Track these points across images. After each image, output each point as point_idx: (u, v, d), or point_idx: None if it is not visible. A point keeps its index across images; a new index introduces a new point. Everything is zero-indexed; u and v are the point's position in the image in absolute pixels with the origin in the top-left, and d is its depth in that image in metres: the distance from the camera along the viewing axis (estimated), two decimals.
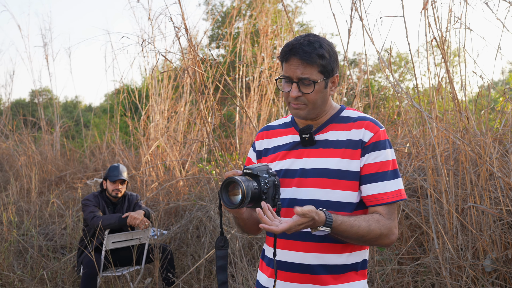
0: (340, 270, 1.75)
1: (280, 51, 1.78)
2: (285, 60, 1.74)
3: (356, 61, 11.81)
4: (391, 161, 1.76)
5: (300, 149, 1.81)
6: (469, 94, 4.52)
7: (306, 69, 1.70)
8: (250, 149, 2.01)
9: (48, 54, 10.45)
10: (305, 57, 1.69)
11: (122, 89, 8.40)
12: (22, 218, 6.73)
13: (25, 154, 9.52)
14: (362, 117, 1.79)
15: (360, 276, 1.79)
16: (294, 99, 1.74)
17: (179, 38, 4.76)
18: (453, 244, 3.60)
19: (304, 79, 1.71)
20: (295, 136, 1.85)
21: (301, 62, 1.70)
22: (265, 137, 1.95)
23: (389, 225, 1.72)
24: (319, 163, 1.75)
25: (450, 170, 3.77)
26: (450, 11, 3.79)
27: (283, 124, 1.94)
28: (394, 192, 1.73)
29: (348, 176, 1.73)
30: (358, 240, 1.69)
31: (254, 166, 1.67)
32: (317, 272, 1.73)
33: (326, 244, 1.73)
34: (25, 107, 16.76)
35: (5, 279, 4.90)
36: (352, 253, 1.77)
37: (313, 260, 1.73)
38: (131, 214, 4.36)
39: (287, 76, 1.73)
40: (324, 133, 1.80)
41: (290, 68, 1.72)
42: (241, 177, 1.62)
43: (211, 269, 4.83)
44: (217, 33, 12.87)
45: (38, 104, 11.16)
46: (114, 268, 4.38)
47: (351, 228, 1.64)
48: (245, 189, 1.58)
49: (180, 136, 7.60)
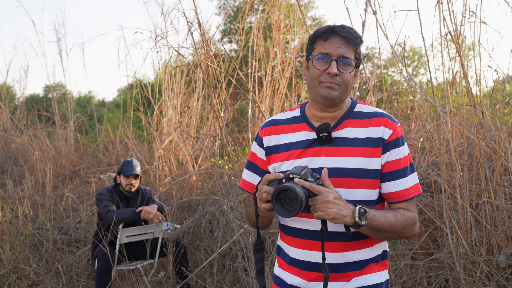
0: (364, 264, 1.76)
1: (313, 34, 1.77)
2: (325, 39, 1.72)
3: (369, 55, 11.75)
4: (408, 156, 1.77)
5: (317, 147, 1.77)
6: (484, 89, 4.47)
7: (348, 49, 1.71)
8: (253, 143, 1.95)
9: (62, 50, 10.52)
10: (349, 37, 1.71)
11: (135, 84, 8.44)
12: (37, 212, 6.80)
13: (39, 148, 9.61)
14: (377, 113, 1.78)
15: (380, 266, 1.81)
16: (331, 77, 1.70)
17: (192, 33, 4.77)
18: (467, 240, 3.58)
19: (345, 58, 1.70)
20: (309, 133, 1.80)
21: (344, 41, 1.71)
22: (273, 132, 1.88)
23: (413, 217, 1.74)
24: (340, 162, 1.73)
25: (465, 165, 3.74)
26: (465, 4, 3.76)
27: (292, 118, 1.88)
28: (413, 187, 1.76)
29: (369, 174, 1.73)
30: (385, 232, 1.68)
31: (298, 170, 1.63)
32: (341, 270, 1.74)
33: (348, 243, 1.73)
34: (39, 102, 16.93)
35: (21, 272, 4.97)
36: (374, 247, 1.78)
37: (338, 259, 1.73)
38: (145, 208, 4.39)
39: (326, 53, 1.71)
40: (340, 129, 1.77)
41: (331, 45, 1.71)
42: (291, 183, 1.59)
43: (224, 263, 4.86)
44: (229, 27, 12.86)
45: (52, 99, 11.25)
46: (128, 261, 4.42)
47: (380, 218, 1.65)
48: (302, 197, 1.56)
49: (192, 131, 7.63)
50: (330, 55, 1.70)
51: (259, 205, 1.66)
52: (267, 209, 1.64)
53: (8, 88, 14.86)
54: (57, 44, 10.44)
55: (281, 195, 1.61)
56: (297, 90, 7.09)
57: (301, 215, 1.76)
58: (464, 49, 4.15)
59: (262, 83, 7.17)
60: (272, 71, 7.08)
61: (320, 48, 1.72)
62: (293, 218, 1.80)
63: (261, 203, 1.65)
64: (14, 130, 11.43)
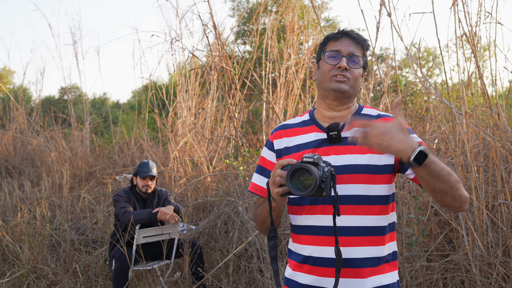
0: (377, 262, 1.77)
1: (327, 36, 1.93)
2: (336, 39, 1.87)
3: (383, 56, 11.71)
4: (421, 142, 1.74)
5: (326, 146, 1.81)
6: (500, 90, 4.45)
7: (357, 48, 1.86)
8: (264, 148, 1.99)
9: (78, 52, 10.63)
10: (357, 37, 1.87)
11: (150, 85, 8.50)
12: (55, 213, 6.89)
13: (56, 150, 9.72)
14: (383, 114, 1.87)
15: (391, 267, 1.83)
16: (341, 70, 1.81)
17: (207, 35, 4.82)
18: (483, 241, 3.57)
19: (354, 55, 1.84)
20: (319, 134, 1.85)
21: (353, 41, 1.86)
22: (284, 135, 1.94)
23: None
24: (350, 160, 1.77)
25: (480, 167, 3.73)
26: (481, 5, 3.75)
27: (301, 122, 1.94)
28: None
29: (380, 170, 1.76)
30: (444, 180, 1.59)
31: (311, 155, 1.66)
32: (359, 265, 1.75)
33: (362, 238, 1.75)
34: (55, 104, 17.08)
35: (39, 272, 5.04)
36: (386, 245, 1.80)
37: (356, 253, 1.75)
38: (161, 210, 4.44)
39: (337, 50, 1.84)
40: (349, 130, 1.79)
41: (342, 44, 1.85)
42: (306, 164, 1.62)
43: (239, 264, 4.89)
44: (243, 29, 12.90)
45: (68, 101, 11.36)
46: (144, 262, 4.47)
47: (439, 164, 1.58)
48: (316, 175, 1.59)
49: (207, 132, 7.66)
50: (341, 52, 1.84)
51: (272, 190, 1.68)
52: (279, 193, 1.67)
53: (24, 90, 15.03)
54: (73, 46, 10.55)
55: (296, 174, 1.64)
56: (311, 92, 7.10)
57: (311, 212, 1.79)
58: (480, 50, 4.14)
59: (276, 84, 7.18)
60: (286, 73, 7.09)
61: (332, 47, 1.87)
62: (305, 216, 1.83)
63: (274, 187, 1.68)
64: (30, 131, 11.57)
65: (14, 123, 11.84)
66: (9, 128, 11.98)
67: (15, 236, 5.85)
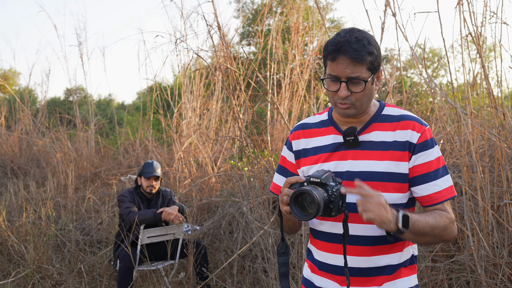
0: (392, 269, 1.74)
1: (324, 49, 1.71)
2: (332, 59, 1.67)
3: (388, 57, 11.69)
4: (440, 158, 1.73)
5: (344, 150, 1.77)
6: (505, 90, 4.44)
7: (356, 68, 1.65)
8: (284, 148, 1.95)
9: (83, 53, 10.65)
10: (355, 56, 1.63)
11: (155, 86, 8.51)
12: (60, 213, 6.91)
13: (61, 151, 9.75)
14: (405, 116, 1.76)
15: (409, 270, 1.79)
16: (343, 98, 1.69)
17: (212, 36, 4.82)
18: (488, 242, 3.55)
19: (354, 78, 1.66)
20: (337, 137, 1.80)
21: (351, 61, 1.64)
22: (302, 136, 1.89)
23: (450, 217, 1.70)
24: (367, 166, 1.72)
25: (486, 167, 3.72)
26: (486, 5, 3.74)
27: (320, 122, 1.88)
28: (448, 189, 1.72)
29: (397, 178, 1.70)
30: (428, 235, 1.64)
31: (320, 174, 1.62)
32: (370, 274, 1.73)
33: (376, 247, 1.72)
34: (61, 105, 17.15)
35: (44, 272, 5.06)
36: (404, 251, 1.76)
37: (366, 263, 1.72)
38: (166, 210, 4.44)
39: (335, 76, 1.68)
40: (368, 133, 1.76)
41: (338, 67, 1.66)
42: (310, 187, 1.59)
43: (243, 265, 4.89)
44: (248, 30, 12.90)
45: (73, 102, 11.41)
46: (149, 262, 4.47)
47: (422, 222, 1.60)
48: (319, 201, 1.55)
49: (212, 133, 7.67)
50: (339, 77, 1.67)
51: (281, 207, 1.67)
52: (287, 212, 1.64)
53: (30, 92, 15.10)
54: (78, 48, 10.59)
55: (299, 198, 1.61)
56: (315, 92, 7.10)
57: (326, 219, 1.77)
58: (485, 50, 4.12)
59: (281, 85, 7.18)
60: (290, 73, 7.09)
61: (329, 70, 1.69)
62: (320, 222, 1.81)
63: (282, 206, 1.66)
64: (36, 132, 11.61)
65: (19, 124, 11.89)
66: (15, 129, 12.04)
67: (20, 236, 5.87)
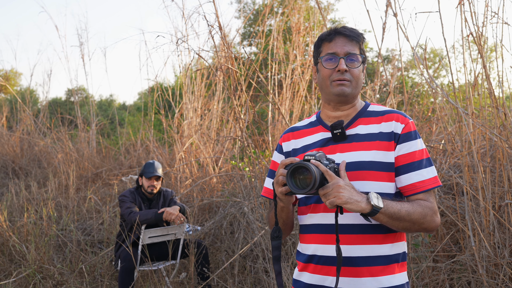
0: (384, 261, 1.75)
1: (318, 39, 1.89)
2: (329, 40, 1.83)
3: (389, 58, 11.69)
4: (424, 150, 1.80)
5: (332, 145, 1.83)
6: (507, 90, 4.43)
7: (352, 45, 1.82)
8: (274, 153, 2.02)
9: (84, 54, 10.68)
10: (351, 34, 1.82)
11: (156, 87, 8.52)
12: (61, 214, 6.92)
13: (62, 151, 9.76)
14: (389, 111, 1.85)
15: (401, 267, 1.81)
16: (341, 73, 1.79)
17: (213, 36, 4.82)
18: (489, 242, 3.55)
19: (351, 54, 1.80)
20: (324, 133, 1.87)
21: (347, 40, 1.82)
22: (292, 138, 1.96)
23: (431, 206, 1.74)
24: (354, 157, 1.77)
25: (487, 167, 3.72)
26: (487, 5, 3.74)
27: (309, 124, 1.96)
28: (431, 179, 1.76)
29: (384, 167, 1.75)
30: (404, 221, 1.68)
31: (314, 153, 1.67)
32: (361, 264, 1.73)
33: (367, 236, 1.74)
34: (62, 106, 17.17)
35: (45, 272, 5.06)
36: (394, 244, 1.78)
37: (357, 252, 1.73)
38: (167, 210, 4.44)
39: (333, 53, 1.81)
40: (354, 127, 1.83)
41: (336, 45, 1.81)
42: (305, 162, 1.62)
43: (245, 265, 4.89)
44: (249, 30, 12.91)
45: (75, 102, 11.41)
46: (150, 262, 4.47)
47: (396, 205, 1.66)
48: (316, 174, 1.58)
49: (213, 133, 7.68)
50: (337, 54, 1.81)
51: (276, 189, 1.70)
52: (283, 192, 1.68)
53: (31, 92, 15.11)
54: (79, 48, 10.60)
55: (296, 172, 1.63)
56: (317, 93, 7.10)
57: (318, 209, 1.79)
58: (486, 51, 4.12)
59: (282, 85, 7.18)
60: (292, 74, 7.09)
61: (327, 50, 1.84)
62: (310, 215, 1.83)
63: (278, 187, 1.69)
64: (37, 133, 11.62)
65: (21, 125, 11.90)
66: (16, 129, 12.06)
67: (21, 236, 5.88)
